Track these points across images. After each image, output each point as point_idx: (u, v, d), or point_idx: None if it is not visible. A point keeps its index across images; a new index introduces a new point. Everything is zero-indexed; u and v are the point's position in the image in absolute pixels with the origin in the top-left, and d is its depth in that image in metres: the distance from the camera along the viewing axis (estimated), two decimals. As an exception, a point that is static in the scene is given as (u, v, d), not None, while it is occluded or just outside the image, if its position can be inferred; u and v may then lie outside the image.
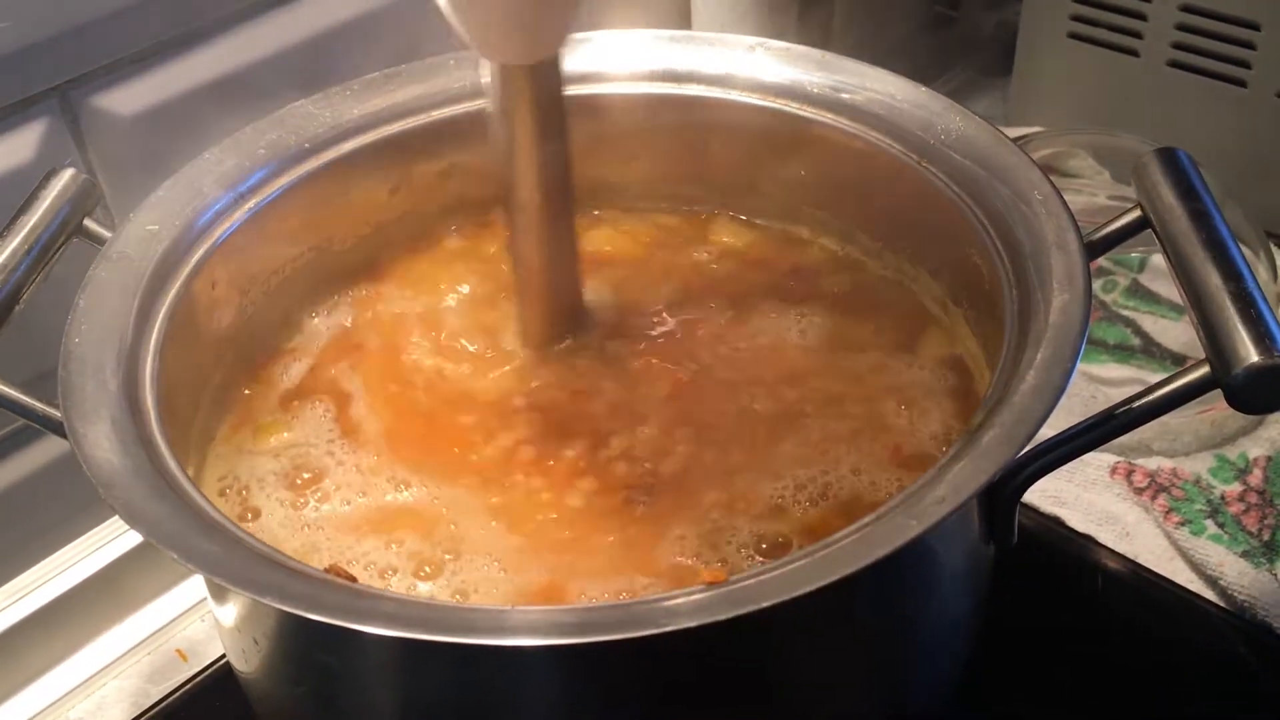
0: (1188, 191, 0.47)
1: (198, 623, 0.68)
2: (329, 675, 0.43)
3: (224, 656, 0.63)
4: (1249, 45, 0.81)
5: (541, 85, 0.50)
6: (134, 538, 0.68)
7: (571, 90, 0.58)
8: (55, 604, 0.65)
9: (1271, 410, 0.66)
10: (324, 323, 0.59)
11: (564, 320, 0.57)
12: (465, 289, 0.61)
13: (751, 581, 0.38)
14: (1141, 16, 0.85)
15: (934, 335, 0.57)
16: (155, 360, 0.47)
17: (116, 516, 0.67)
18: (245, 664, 0.47)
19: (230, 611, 0.46)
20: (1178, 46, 0.85)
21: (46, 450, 0.66)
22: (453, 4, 0.47)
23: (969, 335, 0.55)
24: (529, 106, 0.50)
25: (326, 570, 0.42)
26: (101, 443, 0.42)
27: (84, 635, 0.67)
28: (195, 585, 0.69)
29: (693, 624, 0.36)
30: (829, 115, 0.56)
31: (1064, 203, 0.49)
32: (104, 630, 0.67)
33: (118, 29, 0.60)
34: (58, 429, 0.44)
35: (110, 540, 0.67)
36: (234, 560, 0.39)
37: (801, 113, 0.56)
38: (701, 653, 0.41)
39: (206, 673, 0.63)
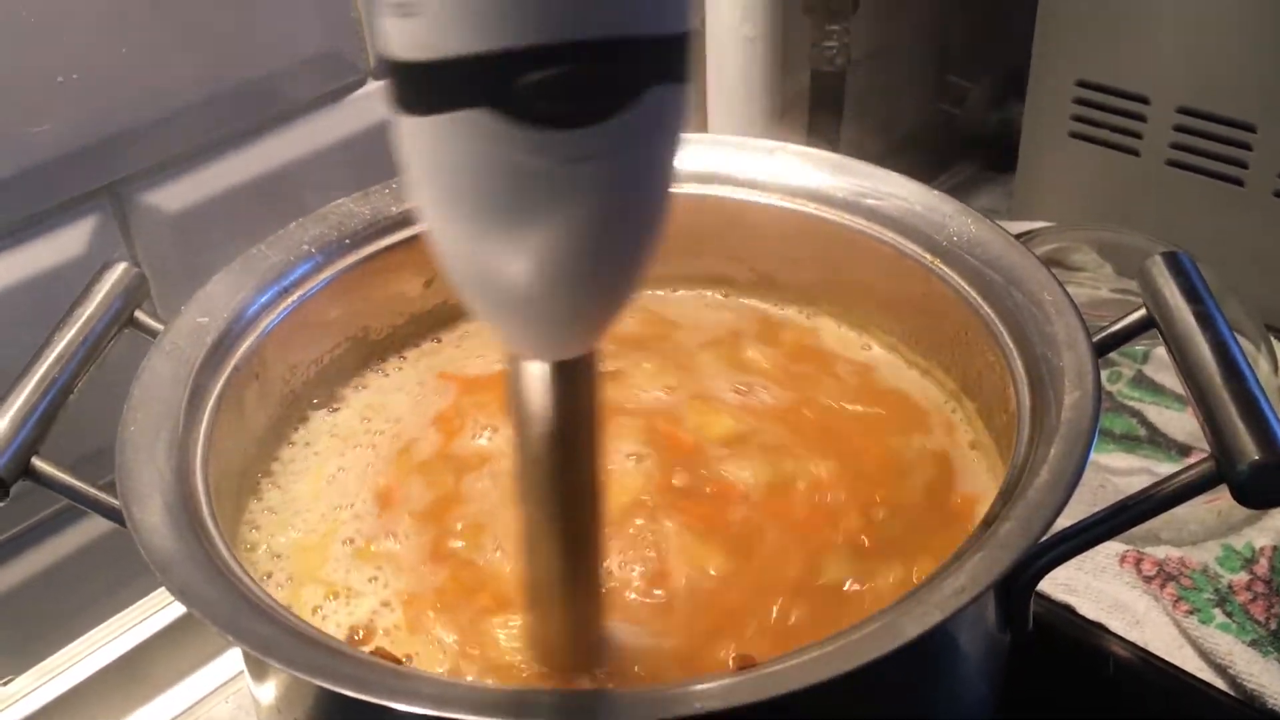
0: (1191, 294, 0.49)
1: (223, 704, 0.69)
2: (369, 755, 0.44)
3: (250, 737, 0.64)
4: (1245, 146, 0.84)
5: (569, 385, 0.40)
6: (160, 621, 0.69)
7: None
8: (82, 686, 0.66)
9: (1274, 505, 0.67)
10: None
11: (582, 648, 0.47)
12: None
13: (779, 666, 0.40)
14: (1141, 118, 0.88)
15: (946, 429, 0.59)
16: (205, 446, 0.49)
17: (143, 600, 0.69)
18: (282, 744, 0.49)
19: (270, 690, 0.47)
20: (1176, 146, 0.87)
21: (77, 536, 0.67)
22: (478, 301, 0.37)
23: (982, 429, 0.57)
24: (555, 407, 0.40)
25: (373, 653, 0.44)
26: (158, 528, 0.43)
27: (111, 717, 0.68)
28: (220, 667, 0.70)
29: (722, 707, 0.38)
30: (848, 217, 0.58)
31: (1073, 304, 0.51)
32: (130, 712, 0.68)
33: (165, 131, 0.63)
34: (113, 515, 0.45)
35: (137, 623, 0.69)
36: (284, 642, 0.40)
37: (823, 214, 0.58)
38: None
39: (232, 754, 0.65)
